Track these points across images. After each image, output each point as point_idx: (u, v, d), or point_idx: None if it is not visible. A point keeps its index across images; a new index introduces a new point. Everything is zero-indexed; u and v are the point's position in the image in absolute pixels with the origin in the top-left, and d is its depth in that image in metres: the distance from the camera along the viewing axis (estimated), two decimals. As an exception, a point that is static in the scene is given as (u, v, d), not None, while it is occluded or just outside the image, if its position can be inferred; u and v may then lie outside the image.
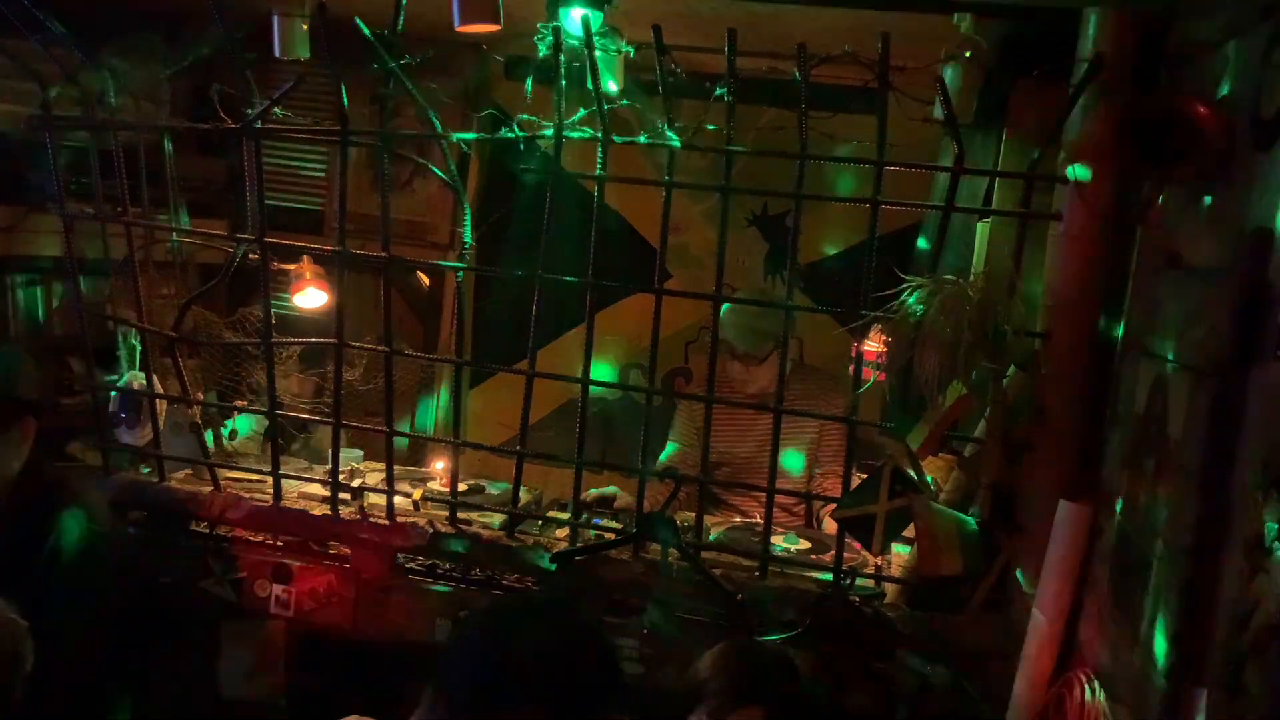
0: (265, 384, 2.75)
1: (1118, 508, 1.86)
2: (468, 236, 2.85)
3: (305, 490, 2.88)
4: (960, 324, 2.08)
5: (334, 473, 2.77)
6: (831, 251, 3.97)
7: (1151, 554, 1.64)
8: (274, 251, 2.75)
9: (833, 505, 2.52)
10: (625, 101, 2.54)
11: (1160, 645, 1.55)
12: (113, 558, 2.32)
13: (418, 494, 2.81)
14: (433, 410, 4.08)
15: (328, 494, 2.79)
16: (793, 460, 3.19)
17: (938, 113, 2.43)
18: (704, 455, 2.64)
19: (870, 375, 2.49)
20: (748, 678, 1.93)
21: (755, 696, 1.88)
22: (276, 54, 2.63)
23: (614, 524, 2.71)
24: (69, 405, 3.14)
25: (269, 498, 2.81)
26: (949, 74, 2.47)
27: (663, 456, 3.31)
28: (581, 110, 2.45)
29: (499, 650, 1.54)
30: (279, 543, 2.79)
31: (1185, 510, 1.51)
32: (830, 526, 2.79)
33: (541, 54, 2.40)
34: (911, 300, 2.13)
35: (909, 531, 2.35)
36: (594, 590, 2.55)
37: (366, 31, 2.32)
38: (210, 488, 2.86)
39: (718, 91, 2.32)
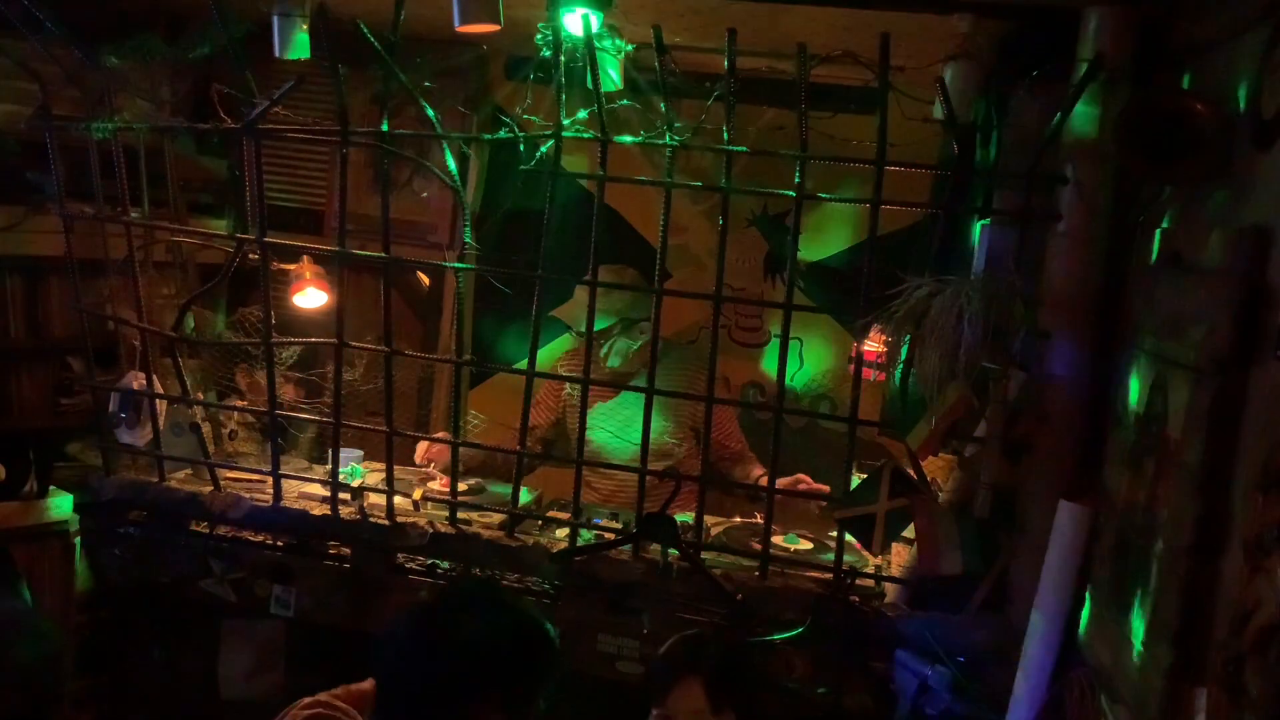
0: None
1: (1118, 508, 1.86)
2: (468, 236, 2.85)
3: (305, 490, 2.88)
4: (960, 324, 2.08)
5: (334, 473, 2.77)
6: (832, 251, 3.95)
7: (1151, 554, 1.64)
8: (274, 251, 2.75)
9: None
10: (625, 101, 2.54)
11: (1160, 645, 1.55)
12: None
13: (418, 493, 2.81)
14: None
15: (328, 494, 2.79)
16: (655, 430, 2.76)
17: (938, 113, 2.43)
18: (704, 452, 2.64)
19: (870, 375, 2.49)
20: (684, 652, 2.09)
21: (692, 668, 2.03)
22: (276, 54, 2.63)
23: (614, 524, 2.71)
24: (69, 405, 3.13)
25: (269, 498, 2.82)
26: (949, 74, 2.47)
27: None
28: (582, 112, 2.45)
29: (441, 641, 1.54)
30: (279, 542, 2.79)
31: (1185, 510, 1.51)
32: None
33: (541, 54, 2.40)
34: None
35: (909, 531, 2.36)
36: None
37: (368, 33, 2.32)
38: (210, 487, 2.86)
39: (716, 93, 2.32)
